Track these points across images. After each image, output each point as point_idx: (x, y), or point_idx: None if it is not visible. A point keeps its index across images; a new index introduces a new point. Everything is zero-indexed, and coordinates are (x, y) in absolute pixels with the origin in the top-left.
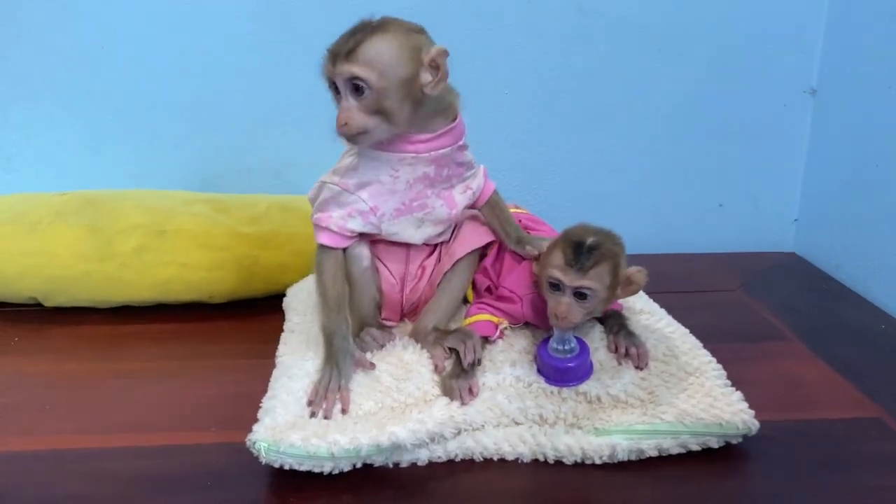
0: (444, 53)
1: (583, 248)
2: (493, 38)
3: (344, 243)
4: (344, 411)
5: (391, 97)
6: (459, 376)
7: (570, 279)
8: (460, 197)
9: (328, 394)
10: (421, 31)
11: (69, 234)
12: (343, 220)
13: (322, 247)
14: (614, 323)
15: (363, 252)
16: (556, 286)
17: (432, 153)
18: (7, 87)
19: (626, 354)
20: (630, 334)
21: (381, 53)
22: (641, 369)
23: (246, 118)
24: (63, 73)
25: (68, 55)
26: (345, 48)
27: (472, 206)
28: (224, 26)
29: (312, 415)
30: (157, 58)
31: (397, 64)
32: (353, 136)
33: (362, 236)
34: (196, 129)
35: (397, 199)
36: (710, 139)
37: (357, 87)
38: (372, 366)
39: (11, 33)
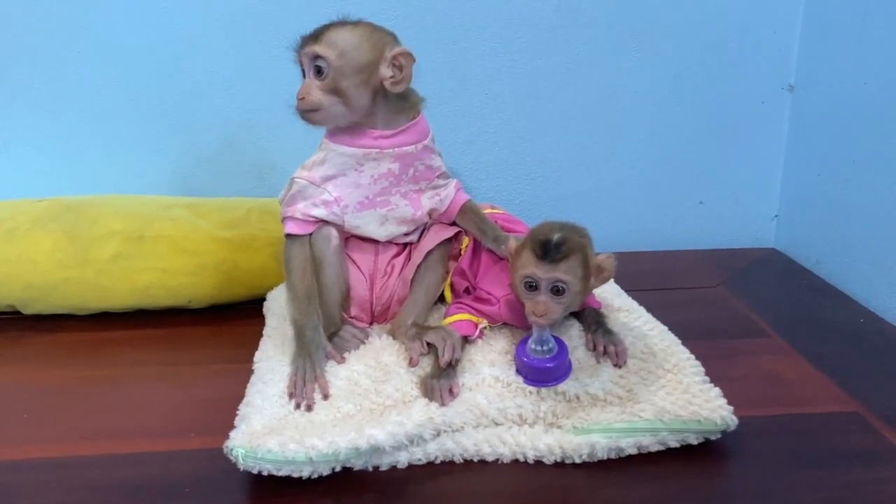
0: (409, 56)
1: (550, 243)
2: (471, 38)
3: (309, 228)
4: (325, 397)
5: (348, 79)
6: (440, 376)
7: (544, 271)
8: (427, 201)
9: (306, 383)
10: (391, 34)
11: (47, 241)
12: (307, 208)
13: (289, 239)
14: (592, 321)
15: (332, 232)
16: (531, 285)
17: (395, 149)
18: None
19: (605, 352)
20: (608, 332)
21: (344, 38)
22: (620, 367)
23: (226, 121)
24: (39, 77)
25: (44, 60)
26: (313, 33)
27: (445, 219)
28: (202, 29)
29: (297, 406)
30: (134, 61)
31: (357, 49)
32: (308, 113)
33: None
34: (175, 132)
35: (361, 193)
36: (689, 137)
37: (318, 70)
38: (342, 359)
39: None
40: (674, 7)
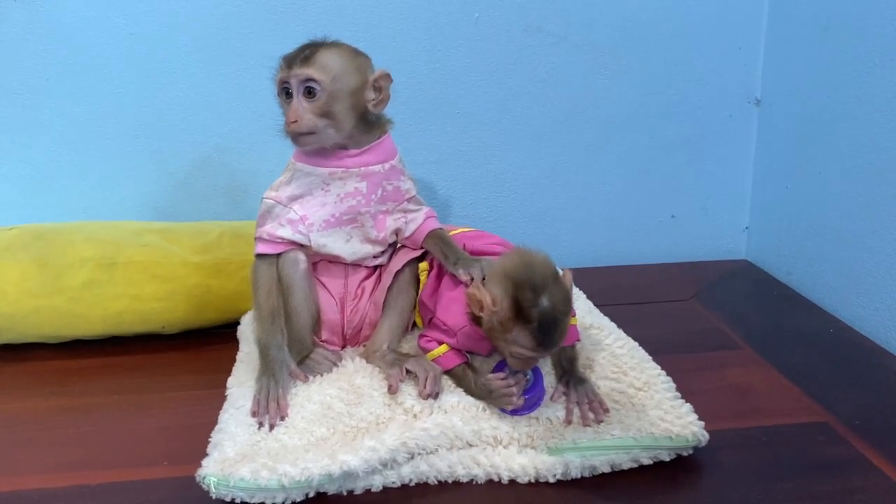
0: (388, 77)
1: (548, 325)
2: (442, 58)
3: (276, 249)
4: (282, 417)
5: (340, 102)
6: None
7: (543, 353)
8: (392, 222)
9: (269, 403)
10: (368, 56)
11: (17, 270)
12: (273, 229)
13: (258, 259)
14: (564, 366)
15: (299, 256)
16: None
17: (361, 168)
18: None
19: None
20: (580, 382)
21: (335, 62)
22: (599, 423)
23: (197, 145)
24: (8, 106)
25: (13, 88)
26: (301, 55)
27: (411, 245)
28: (171, 54)
29: (260, 426)
30: (103, 87)
31: (348, 73)
32: (300, 136)
33: (299, 246)
34: (146, 157)
35: (327, 212)
36: (659, 152)
37: (310, 91)
38: (306, 378)
39: None
40: (639, 25)
